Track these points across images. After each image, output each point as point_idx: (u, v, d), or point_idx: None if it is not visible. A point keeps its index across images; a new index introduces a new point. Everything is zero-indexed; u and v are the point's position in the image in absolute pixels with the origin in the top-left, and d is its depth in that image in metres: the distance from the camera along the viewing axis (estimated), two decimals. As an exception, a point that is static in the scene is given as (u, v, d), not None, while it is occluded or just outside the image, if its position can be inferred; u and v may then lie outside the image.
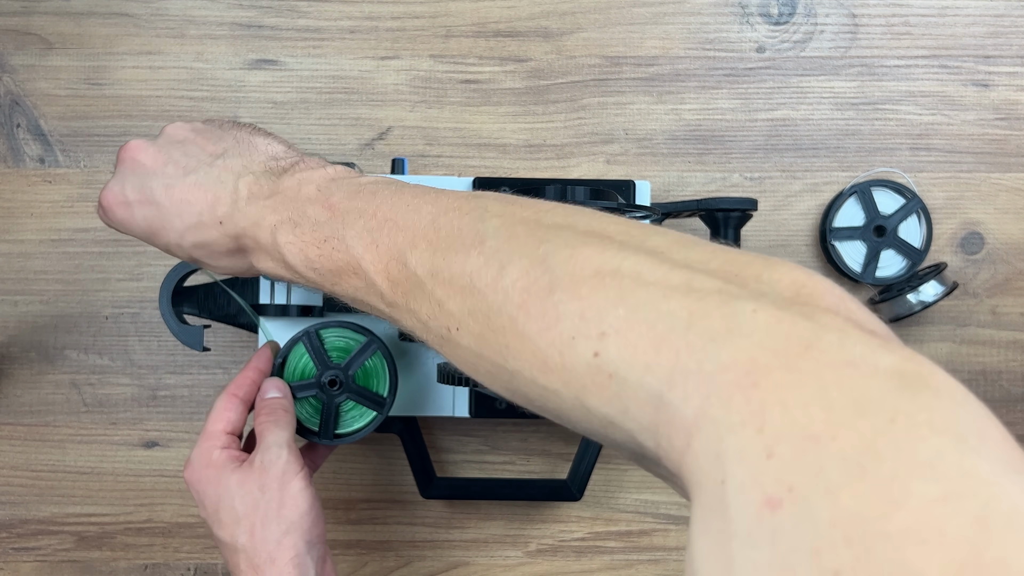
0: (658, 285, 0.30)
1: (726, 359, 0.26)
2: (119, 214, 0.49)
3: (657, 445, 0.28)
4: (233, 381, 0.59)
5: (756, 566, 0.23)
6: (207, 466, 0.56)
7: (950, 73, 0.74)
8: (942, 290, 0.70)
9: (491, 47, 0.74)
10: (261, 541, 0.54)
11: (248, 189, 0.46)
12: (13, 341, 0.73)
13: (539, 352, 0.32)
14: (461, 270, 0.36)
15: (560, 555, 0.73)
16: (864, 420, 0.23)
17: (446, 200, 0.40)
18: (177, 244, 0.48)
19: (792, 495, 0.23)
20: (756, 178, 0.74)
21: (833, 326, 0.26)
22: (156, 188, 0.47)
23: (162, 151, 0.49)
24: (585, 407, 0.31)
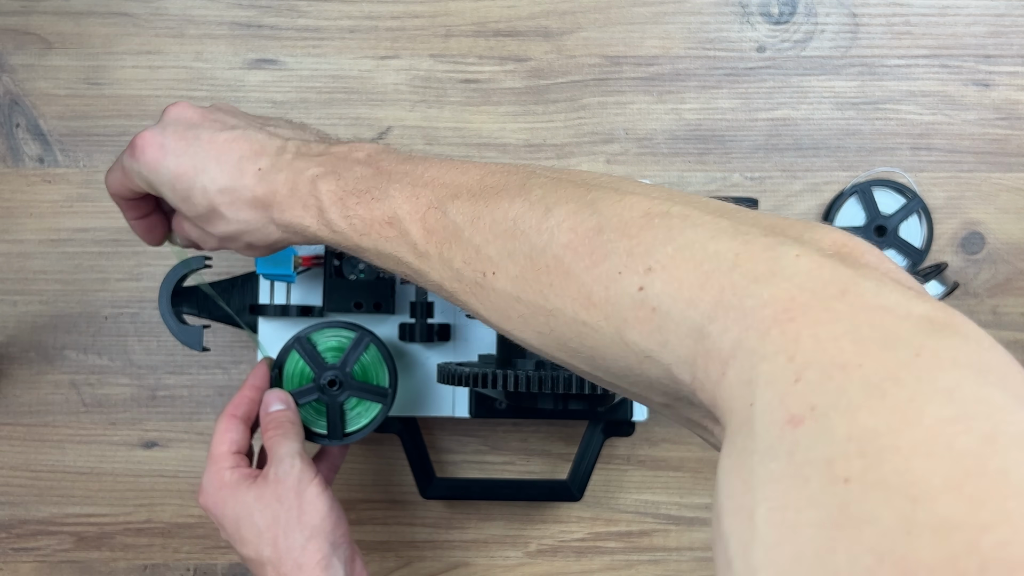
0: (706, 227, 0.31)
1: (767, 296, 0.28)
2: (150, 155, 0.47)
3: (693, 377, 0.30)
4: (231, 402, 0.59)
5: (773, 476, 0.24)
6: (220, 488, 0.56)
7: (951, 73, 0.74)
8: (943, 290, 0.70)
9: (491, 47, 0.74)
10: (286, 550, 0.54)
11: (296, 148, 0.46)
12: (12, 341, 0.73)
13: (584, 288, 0.33)
14: (504, 215, 0.37)
15: (560, 555, 0.73)
16: (890, 352, 0.25)
17: (494, 165, 0.41)
18: (203, 188, 0.46)
19: (813, 413, 0.24)
20: (757, 178, 0.74)
21: (871, 276, 0.28)
22: (201, 135, 0.47)
23: (210, 111, 0.49)
24: (624, 341, 0.32)
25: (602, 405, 0.58)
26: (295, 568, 0.54)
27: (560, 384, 0.53)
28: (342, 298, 0.63)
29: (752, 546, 0.24)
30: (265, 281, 0.65)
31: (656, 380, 0.32)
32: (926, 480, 0.22)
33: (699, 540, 0.73)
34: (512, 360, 0.58)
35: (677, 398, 0.32)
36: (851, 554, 0.22)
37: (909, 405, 0.23)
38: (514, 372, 0.54)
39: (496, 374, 0.54)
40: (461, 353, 0.66)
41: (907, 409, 0.23)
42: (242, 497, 0.55)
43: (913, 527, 0.21)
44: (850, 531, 0.22)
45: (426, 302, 0.63)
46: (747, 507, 0.25)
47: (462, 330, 0.66)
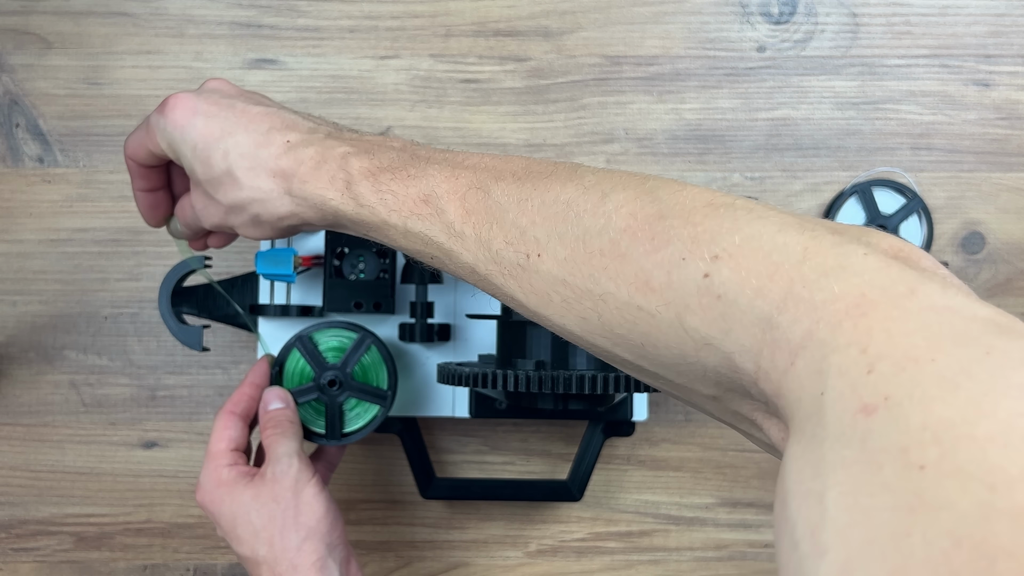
0: (772, 220, 0.32)
1: (838, 291, 0.28)
2: (179, 114, 0.47)
3: (757, 367, 0.30)
4: (229, 399, 0.59)
5: (844, 461, 0.25)
6: (218, 486, 0.56)
7: (951, 72, 0.74)
8: (943, 290, 0.70)
9: (491, 46, 0.74)
10: (281, 550, 0.54)
11: (328, 131, 0.47)
12: (12, 341, 0.73)
13: (642, 272, 0.33)
14: (555, 198, 0.37)
15: (560, 556, 0.73)
16: (962, 349, 0.25)
17: (537, 158, 0.41)
18: (225, 151, 0.46)
19: (887, 403, 0.25)
20: (757, 178, 0.74)
21: (936, 279, 0.29)
22: (236, 104, 0.47)
23: (247, 91, 0.50)
24: (684, 327, 0.32)
25: (602, 405, 0.58)
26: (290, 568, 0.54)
27: (560, 384, 0.53)
28: (342, 298, 0.63)
29: (822, 528, 0.24)
30: (265, 281, 0.65)
31: (711, 369, 0.32)
32: (1003, 469, 0.22)
33: (699, 540, 0.73)
34: (512, 360, 0.58)
35: (730, 388, 0.33)
36: (927, 538, 0.22)
37: (984, 398, 0.24)
38: (514, 372, 0.54)
39: (496, 374, 0.54)
40: (461, 353, 0.66)
41: (982, 402, 0.24)
42: (239, 495, 0.55)
43: (991, 513, 0.21)
44: (926, 516, 0.22)
45: (426, 302, 0.63)
46: (817, 491, 0.25)
47: (462, 330, 0.66)
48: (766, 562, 0.73)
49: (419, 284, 0.63)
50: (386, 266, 0.64)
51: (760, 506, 0.73)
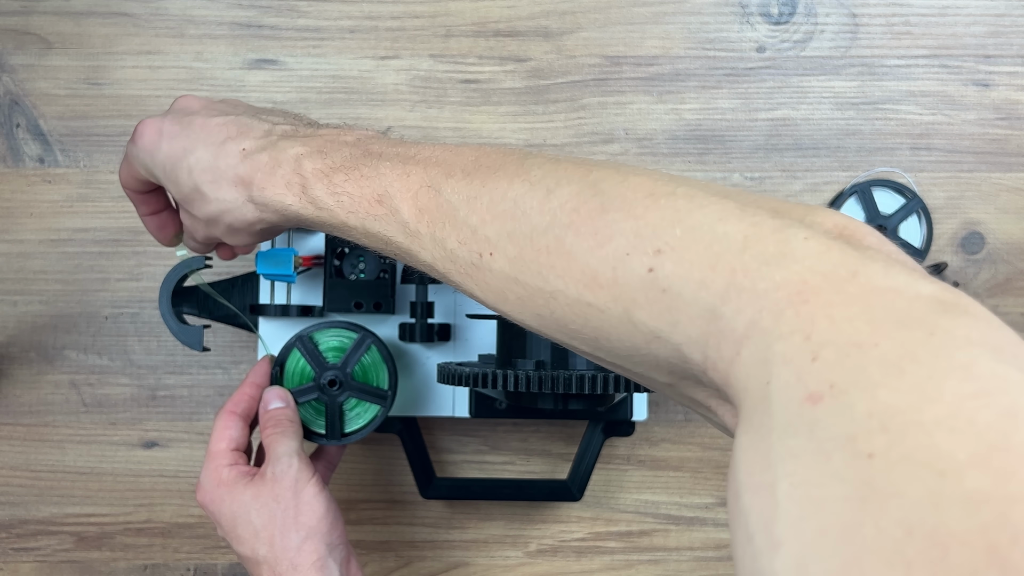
0: (713, 208, 0.31)
1: (779, 279, 0.28)
2: (147, 139, 0.49)
3: (705, 357, 0.30)
4: (230, 399, 0.59)
5: (793, 452, 0.25)
6: (218, 485, 0.56)
7: (951, 73, 0.74)
8: (943, 290, 0.70)
9: (491, 47, 0.74)
10: (282, 550, 0.54)
11: (283, 132, 0.47)
12: (12, 341, 0.73)
13: (588, 269, 0.33)
14: (503, 195, 0.37)
15: (560, 555, 0.73)
16: (905, 332, 0.25)
17: (490, 147, 0.41)
18: (188, 170, 0.47)
19: (832, 391, 0.25)
20: (757, 178, 0.74)
21: (878, 258, 0.28)
22: (194, 122, 0.48)
23: (212, 102, 0.51)
24: (632, 322, 0.32)
25: (602, 405, 0.58)
26: (290, 568, 0.54)
27: (560, 384, 0.53)
28: (342, 298, 0.63)
29: (775, 521, 0.24)
30: (265, 281, 0.65)
31: (663, 359, 0.32)
32: (951, 454, 0.22)
33: (699, 540, 0.73)
34: (512, 360, 0.58)
35: (683, 377, 0.33)
36: (879, 527, 0.22)
37: (928, 382, 0.24)
38: (514, 372, 0.54)
39: (496, 374, 0.54)
40: (461, 353, 0.66)
41: (927, 386, 0.24)
42: (239, 495, 0.56)
43: (942, 500, 0.21)
44: (877, 505, 0.22)
45: (426, 302, 0.64)
46: (768, 483, 0.25)
47: (462, 330, 0.66)
48: (766, 562, 0.73)
49: (419, 284, 0.63)
50: (386, 266, 0.64)
51: (760, 506, 0.73)
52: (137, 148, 0.49)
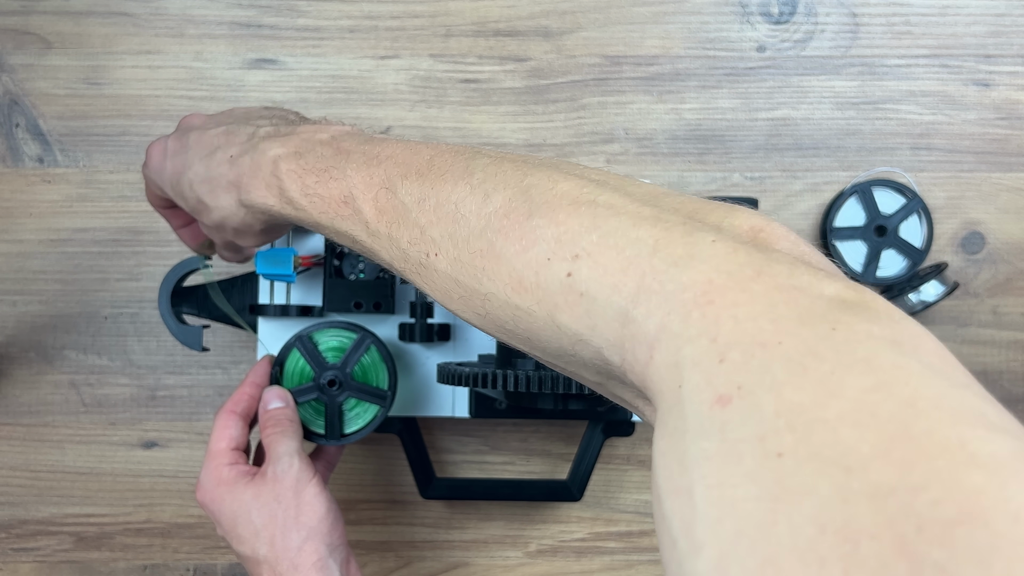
0: (629, 215, 0.32)
1: (686, 280, 0.29)
2: (154, 160, 0.52)
3: (623, 360, 0.31)
4: (230, 398, 0.59)
5: (706, 454, 0.25)
6: (218, 484, 0.56)
7: (951, 72, 0.74)
8: (943, 290, 0.70)
9: (491, 46, 0.74)
10: (283, 550, 0.54)
11: (266, 132, 0.48)
12: (12, 341, 0.73)
13: (515, 272, 0.34)
14: (448, 198, 0.38)
15: (560, 556, 0.73)
16: (807, 329, 0.26)
17: (444, 146, 0.42)
18: (189, 182, 0.49)
19: (740, 392, 0.25)
20: (757, 178, 0.74)
21: (784, 260, 0.29)
22: (191, 137, 0.50)
23: (213, 117, 0.53)
24: (556, 325, 0.33)
25: (602, 405, 0.58)
26: (291, 568, 0.54)
27: (560, 384, 0.53)
28: (342, 298, 0.63)
29: (694, 524, 0.24)
30: (265, 281, 0.65)
31: (589, 360, 0.33)
32: (856, 449, 0.22)
33: (699, 540, 0.73)
34: (512, 360, 0.58)
35: (609, 377, 0.33)
36: (792, 525, 0.22)
37: (830, 378, 0.24)
38: (514, 372, 0.54)
39: (496, 374, 0.54)
40: (461, 353, 0.66)
41: (829, 382, 0.24)
42: (240, 494, 0.56)
43: (849, 495, 0.22)
44: (788, 503, 0.22)
45: (426, 302, 0.63)
46: (685, 487, 0.25)
47: (462, 330, 0.66)
48: (766, 562, 0.73)
49: (419, 284, 0.63)
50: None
51: (760, 506, 0.73)
52: (148, 170, 0.53)
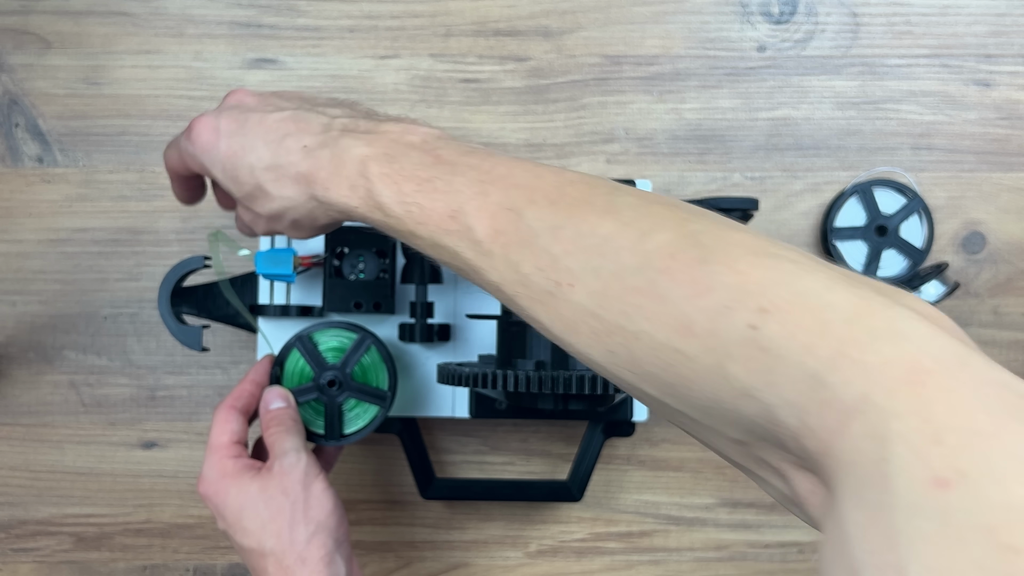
0: (819, 276, 0.32)
1: (890, 355, 0.28)
2: (204, 138, 0.49)
3: (801, 423, 0.30)
4: (230, 394, 0.59)
5: (924, 535, 0.25)
6: (223, 477, 0.56)
7: (952, 72, 0.74)
8: (944, 290, 0.70)
9: (491, 46, 0.74)
10: (290, 543, 0.54)
11: (343, 126, 0.46)
12: (11, 341, 0.73)
13: (683, 316, 0.33)
14: (592, 230, 0.37)
15: (560, 556, 0.73)
16: (1021, 426, 0.26)
17: (571, 173, 0.40)
18: (250, 166, 0.47)
19: (962, 478, 0.25)
20: (757, 177, 0.74)
21: (978, 353, 0.29)
22: (251, 117, 0.48)
23: (267, 96, 0.51)
24: (724, 375, 0.32)
25: (602, 405, 0.58)
26: (298, 562, 0.54)
27: (560, 384, 0.53)
28: (342, 298, 0.63)
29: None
30: (265, 281, 0.65)
31: (746, 417, 0.32)
32: None
33: (699, 540, 0.73)
34: (512, 360, 0.58)
35: (761, 438, 0.32)
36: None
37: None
38: (514, 372, 0.54)
39: (496, 374, 0.54)
40: (461, 353, 0.66)
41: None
42: (246, 487, 0.55)
43: None
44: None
45: (426, 302, 0.63)
46: (894, 564, 0.25)
47: (462, 330, 0.66)
48: (766, 563, 0.73)
49: (419, 284, 0.63)
50: (386, 266, 0.64)
51: (760, 507, 0.73)
52: (194, 147, 0.49)
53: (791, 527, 0.73)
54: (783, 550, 0.73)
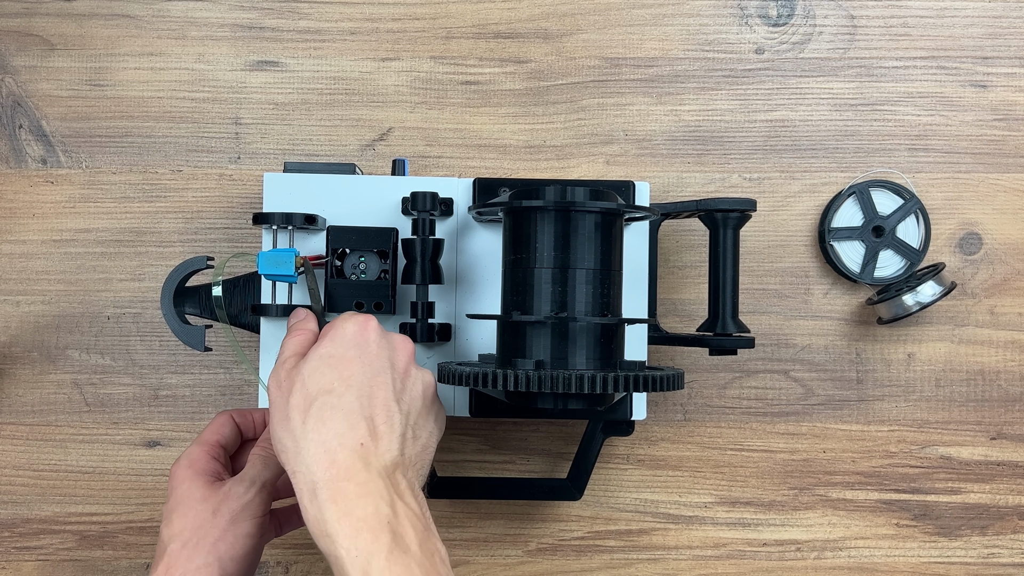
0: None
1: None
2: None
3: None
4: (238, 409, 0.62)
5: None
6: (187, 467, 0.58)
7: (948, 74, 0.75)
8: (940, 290, 0.70)
9: (491, 48, 0.74)
10: (185, 559, 0.55)
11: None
12: (15, 341, 0.73)
13: None
14: None
15: (560, 554, 0.74)
16: None
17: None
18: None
19: None
20: (755, 178, 0.74)
21: None
22: None
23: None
24: None
25: (601, 404, 0.58)
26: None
27: (560, 384, 0.54)
28: (343, 298, 0.64)
29: None
30: (267, 281, 0.65)
31: None
32: None
33: (698, 539, 0.74)
34: (512, 360, 0.58)
35: None
36: None
37: None
38: (514, 372, 0.54)
39: (496, 374, 0.55)
40: (461, 353, 0.66)
41: None
42: (191, 489, 0.57)
43: None
44: None
45: (427, 302, 0.64)
46: None
47: (462, 330, 0.66)
48: (764, 560, 0.74)
49: (420, 284, 0.63)
50: (387, 266, 0.64)
51: (758, 505, 0.74)
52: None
53: (789, 525, 0.74)
54: (781, 548, 0.74)
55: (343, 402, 0.51)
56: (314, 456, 0.49)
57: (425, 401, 0.56)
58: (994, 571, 0.74)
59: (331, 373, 0.52)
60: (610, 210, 0.58)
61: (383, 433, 0.51)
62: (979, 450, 0.74)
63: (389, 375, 0.54)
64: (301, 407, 0.51)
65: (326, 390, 0.52)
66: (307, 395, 0.52)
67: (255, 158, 0.74)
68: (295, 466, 0.50)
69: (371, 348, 0.54)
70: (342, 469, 0.49)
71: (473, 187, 0.66)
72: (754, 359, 0.74)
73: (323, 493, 0.48)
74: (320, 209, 0.65)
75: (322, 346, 0.54)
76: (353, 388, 0.52)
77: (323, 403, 0.51)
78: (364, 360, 0.53)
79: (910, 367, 0.74)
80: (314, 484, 0.49)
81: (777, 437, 0.74)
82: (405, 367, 0.55)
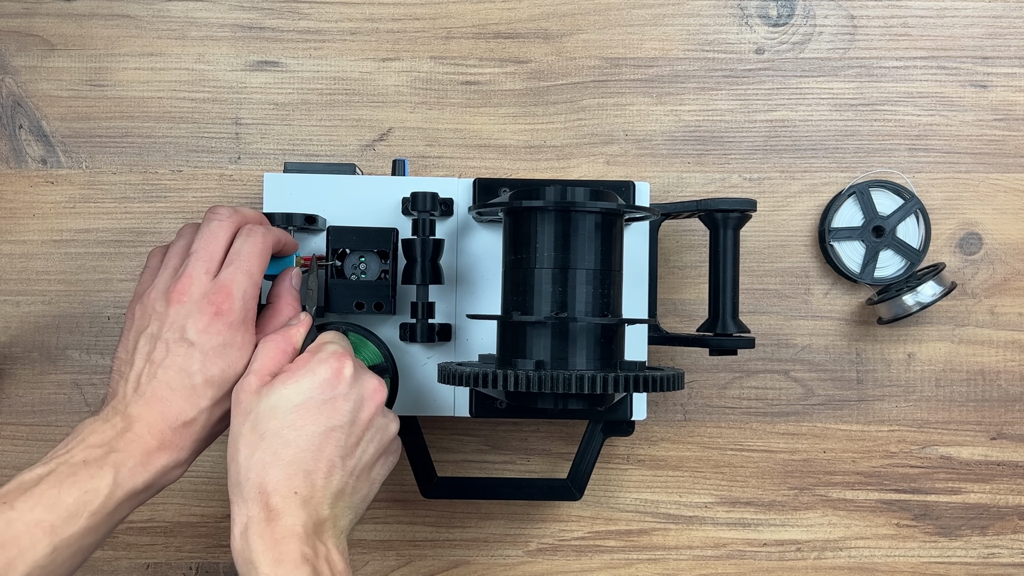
0: None
1: None
2: None
3: None
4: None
5: None
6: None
7: (948, 74, 0.75)
8: (940, 290, 0.70)
9: (491, 49, 0.74)
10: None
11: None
12: (15, 341, 0.73)
13: None
14: None
15: (560, 554, 0.74)
16: None
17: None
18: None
19: None
20: (755, 179, 0.74)
21: None
22: None
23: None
24: None
25: (601, 405, 0.58)
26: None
27: (560, 384, 0.54)
28: (343, 298, 0.64)
29: None
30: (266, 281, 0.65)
31: None
32: None
33: (698, 539, 0.74)
34: (512, 360, 0.58)
35: None
36: None
37: None
38: (514, 372, 0.55)
39: (496, 374, 0.55)
40: (461, 353, 0.66)
41: None
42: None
43: None
44: None
45: (427, 302, 0.64)
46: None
47: (462, 330, 0.66)
48: (764, 560, 0.74)
49: (420, 284, 0.63)
50: (387, 267, 0.64)
51: (758, 505, 0.74)
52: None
53: (789, 525, 0.74)
54: (781, 548, 0.74)
55: (287, 452, 0.53)
56: (251, 494, 0.53)
57: (379, 451, 0.57)
58: (994, 571, 0.74)
59: (286, 418, 0.54)
60: (610, 210, 0.58)
61: (319, 487, 0.53)
62: (979, 450, 0.74)
63: (344, 431, 0.55)
64: (250, 442, 0.53)
65: (275, 433, 0.53)
66: (257, 432, 0.54)
67: (255, 158, 0.74)
68: (234, 496, 0.54)
69: (336, 399, 0.55)
70: (274, 512, 0.52)
71: (473, 187, 0.66)
72: (754, 359, 0.74)
73: (253, 529, 0.52)
74: (320, 209, 0.65)
75: (288, 383, 0.54)
76: (303, 438, 0.53)
77: (268, 446, 0.53)
78: (323, 411, 0.54)
79: (910, 367, 0.74)
80: (247, 520, 0.52)
81: (777, 437, 0.74)
82: (368, 419, 0.56)
